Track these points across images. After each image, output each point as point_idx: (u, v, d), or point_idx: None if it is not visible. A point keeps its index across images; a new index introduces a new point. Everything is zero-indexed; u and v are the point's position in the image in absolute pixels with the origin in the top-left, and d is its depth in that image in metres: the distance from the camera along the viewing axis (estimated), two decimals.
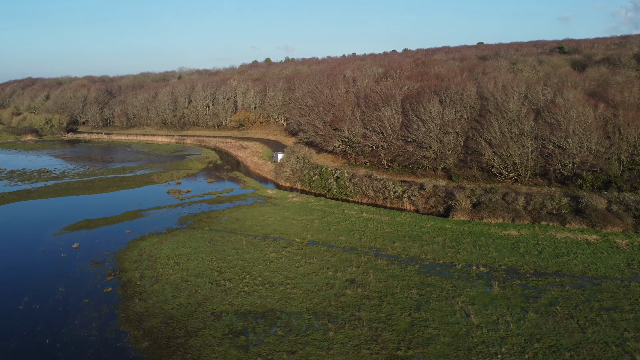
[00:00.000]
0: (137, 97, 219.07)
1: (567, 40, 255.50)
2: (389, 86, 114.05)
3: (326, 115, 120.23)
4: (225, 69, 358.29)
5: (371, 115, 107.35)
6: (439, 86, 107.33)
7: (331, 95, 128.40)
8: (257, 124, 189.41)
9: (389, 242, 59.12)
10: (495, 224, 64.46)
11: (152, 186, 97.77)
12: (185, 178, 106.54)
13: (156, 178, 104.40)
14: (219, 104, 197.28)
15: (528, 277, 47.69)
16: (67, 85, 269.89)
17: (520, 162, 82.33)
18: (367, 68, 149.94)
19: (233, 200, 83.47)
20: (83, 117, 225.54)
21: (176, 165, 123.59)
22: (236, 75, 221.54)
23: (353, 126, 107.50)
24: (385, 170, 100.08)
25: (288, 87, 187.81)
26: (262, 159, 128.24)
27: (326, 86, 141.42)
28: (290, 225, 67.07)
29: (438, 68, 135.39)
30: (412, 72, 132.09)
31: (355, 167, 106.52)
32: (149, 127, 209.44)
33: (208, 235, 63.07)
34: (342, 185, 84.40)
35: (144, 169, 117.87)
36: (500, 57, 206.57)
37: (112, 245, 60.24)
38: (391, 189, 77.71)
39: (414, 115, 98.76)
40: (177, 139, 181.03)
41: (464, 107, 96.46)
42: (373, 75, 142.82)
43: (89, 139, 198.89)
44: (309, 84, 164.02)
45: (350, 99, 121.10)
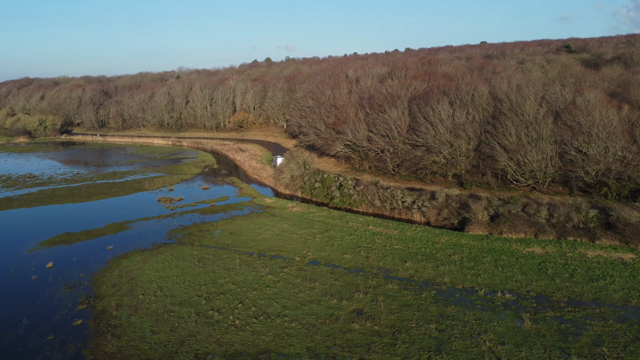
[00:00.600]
0: (134, 97, 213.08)
1: (572, 40, 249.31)
2: (395, 86, 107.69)
3: (328, 117, 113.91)
4: (225, 69, 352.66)
5: (376, 117, 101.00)
6: (448, 86, 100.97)
7: (333, 96, 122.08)
8: (256, 125, 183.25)
9: (399, 261, 52.78)
10: (516, 240, 58.08)
11: (143, 193, 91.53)
12: (178, 184, 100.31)
13: (147, 184, 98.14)
14: (217, 105, 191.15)
15: (562, 308, 41.30)
16: (63, 85, 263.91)
17: (539, 168, 75.94)
18: (370, 67, 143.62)
19: (228, 210, 77.17)
20: (78, 118, 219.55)
21: (170, 169, 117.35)
22: (235, 75, 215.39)
23: (357, 129, 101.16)
24: (391, 176, 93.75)
25: (288, 87, 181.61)
26: (260, 163, 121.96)
27: (328, 86, 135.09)
28: (289, 240, 60.76)
29: (445, 67, 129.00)
30: (419, 71, 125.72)
31: (359, 173, 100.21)
32: (145, 129, 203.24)
33: (198, 253, 56.76)
34: (345, 193, 78.09)
35: (136, 174, 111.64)
36: (506, 56, 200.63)
37: (91, 265, 53.96)
38: (399, 199, 71.39)
39: (422, 117, 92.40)
40: (173, 141, 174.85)
41: (476, 109, 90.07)
42: (377, 75, 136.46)
43: (83, 141, 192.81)
44: (310, 84, 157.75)
45: (353, 100, 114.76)
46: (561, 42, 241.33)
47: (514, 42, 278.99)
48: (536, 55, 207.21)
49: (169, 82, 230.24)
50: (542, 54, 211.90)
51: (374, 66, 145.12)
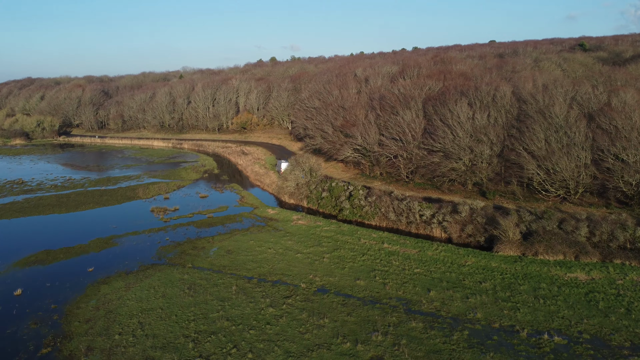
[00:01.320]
0: (134, 97, 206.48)
1: (585, 38, 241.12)
2: (408, 86, 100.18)
3: (336, 119, 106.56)
4: (229, 68, 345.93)
5: (388, 119, 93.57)
6: (466, 86, 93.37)
7: (341, 97, 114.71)
8: (260, 126, 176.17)
9: (421, 289, 45.38)
10: (555, 263, 50.52)
11: (136, 202, 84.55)
12: (175, 191, 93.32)
13: (142, 192, 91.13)
14: (220, 106, 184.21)
15: (626, 357, 33.81)
16: (63, 85, 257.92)
17: (571, 177, 68.31)
18: (380, 66, 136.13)
19: (226, 223, 70.00)
20: (77, 119, 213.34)
21: (168, 174, 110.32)
22: (239, 75, 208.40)
23: (367, 132, 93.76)
24: (404, 184, 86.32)
25: (294, 87, 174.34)
26: (264, 167, 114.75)
27: (335, 86, 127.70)
28: (293, 262, 53.49)
29: (460, 66, 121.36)
30: (432, 70, 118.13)
31: (369, 180, 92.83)
32: (146, 130, 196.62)
33: (189, 277, 49.58)
34: (356, 204, 70.71)
35: (131, 180, 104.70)
36: (519, 55, 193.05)
37: (66, 292, 46.91)
38: (417, 212, 63.92)
39: (439, 120, 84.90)
40: (174, 144, 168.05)
41: (498, 111, 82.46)
42: (387, 74, 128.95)
43: (81, 143, 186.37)
44: (316, 84, 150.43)
45: (363, 101, 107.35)
46: (573, 40, 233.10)
47: (525, 41, 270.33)
48: (550, 53, 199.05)
49: (171, 82, 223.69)
50: (556, 53, 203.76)
51: (384, 65, 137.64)
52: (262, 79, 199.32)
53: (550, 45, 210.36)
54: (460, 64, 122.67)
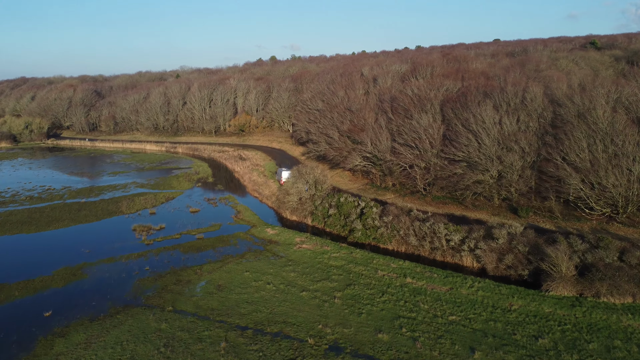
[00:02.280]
0: (127, 98, 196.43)
1: (593, 36, 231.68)
2: (423, 87, 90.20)
3: (342, 123, 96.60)
4: (228, 67, 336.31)
5: (401, 124, 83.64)
6: (489, 87, 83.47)
7: (347, 98, 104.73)
8: (259, 129, 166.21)
9: (462, 348, 35.46)
10: (623, 307, 40.58)
11: (117, 218, 74.65)
12: (163, 204, 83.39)
13: (125, 205, 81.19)
14: (217, 107, 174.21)
15: None
16: (55, 85, 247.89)
17: (619, 193, 58.41)
18: (389, 65, 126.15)
19: (218, 246, 60.07)
20: (67, 121, 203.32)
21: (157, 184, 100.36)
22: (237, 74, 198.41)
23: (378, 138, 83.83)
24: (421, 197, 76.41)
25: (295, 88, 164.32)
26: (262, 175, 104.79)
27: (340, 86, 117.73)
28: (298, 303, 43.55)
29: (477, 64, 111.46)
30: (447, 69, 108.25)
31: (381, 191, 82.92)
32: (139, 133, 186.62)
33: (168, 327, 39.62)
34: (369, 224, 60.70)
35: (116, 190, 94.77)
36: (530, 53, 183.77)
37: (7, 351, 36.97)
38: (443, 236, 53.95)
39: (461, 125, 74.99)
40: (167, 147, 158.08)
41: (529, 115, 72.48)
42: (397, 73, 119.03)
43: (70, 147, 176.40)
44: (319, 84, 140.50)
45: (372, 103, 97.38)
46: (582, 39, 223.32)
47: (531, 39, 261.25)
48: (561, 52, 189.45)
49: (166, 82, 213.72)
50: (567, 51, 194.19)
51: (393, 63, 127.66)
52: (261, 78, 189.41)
53: (560, 44, 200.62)
54: (476, 62, 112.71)
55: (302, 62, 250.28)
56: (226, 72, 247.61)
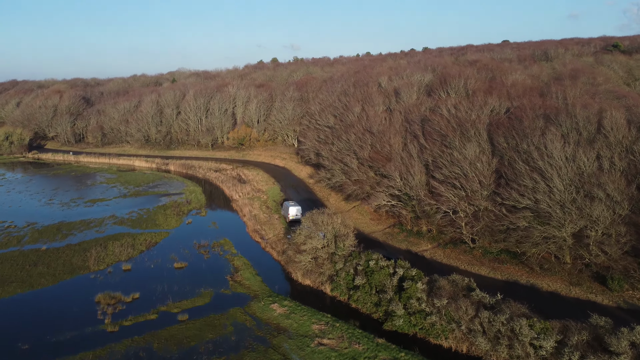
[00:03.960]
0: (117, 106, 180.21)
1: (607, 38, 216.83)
2: (462, 106, 73.85)
3: (361, 149, 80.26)
4: (227, 70, 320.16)
5: (438, 154, 67.31)
6: (549, 108, 67.22)
7: (366, 116, 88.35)
8: (260, 142, 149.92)
9: None
10: None
11: (81, 279, 58.45)
12: (143, 253, 67.17)
13: (95, 256, 64.94)
14: (214, 117, 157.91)
15: None
16: (41, 91, 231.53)
17: None
18: (410, 74, 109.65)
19: (207, 338, 43.77)
20: (52, 131, 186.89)
21: (139, 219, 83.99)
22: (236, 81, 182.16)
23: (409, 171, 67.48)
24: (468, 251, 60.11)
25: (300, 97, 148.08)
26: (265, 207, 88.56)
27: (355, 100, 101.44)
28: None
29: (518, 75, 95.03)
30: (482, 81, 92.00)
31: (414, 238, 66.58)
32: (128, 146, 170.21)
33: None
34: (414, 307, 44.28)
35: (89, 228, 78.53)
36: (550, 57, 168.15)
37: None
38: (527, 340, 37.53)
39: (519, 159, 58.66)
40: (158, 164, 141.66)
41: (611, 149, 56.13)
42: (420, 83, 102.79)
43: (52, 161, 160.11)
44: (328, 94, 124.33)
45: (397, 124, 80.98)
46: (600, 40, 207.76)
47: (542, 41, 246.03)
48: (585, 56, 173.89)
49: (159, 89, 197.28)
50: (590, 54, 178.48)
51: (414, 72, 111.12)
52: (263, 85, 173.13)
53: (578, 46, 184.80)
54: (515, 73, 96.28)
55: (306, 66, 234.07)
56: (225, 77, 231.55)
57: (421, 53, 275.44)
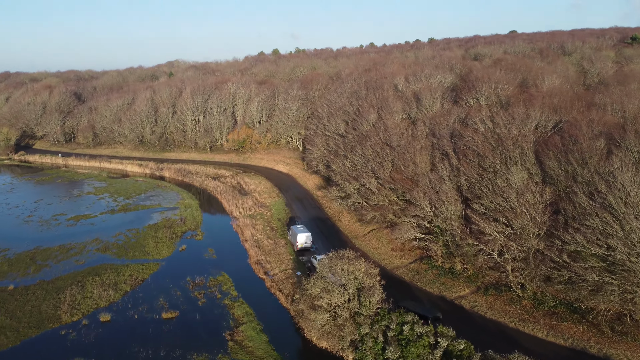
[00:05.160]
0: (109, 104, 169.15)
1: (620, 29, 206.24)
2: (500, 119, 63.12)
3: (381, 166, 69.63)
4: (228, 62, 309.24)
5: (476, 179, 56.83)
6: (606, 124, 56.63)
7: (384, 127, 77.59)
8: (262, 145, 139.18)
9: None
10: None
11: (47, 335, 48.40)
12: (127, 295, 57.02)
13: (69, 301, 54.83)
14: (213, 117, 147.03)
15: None
16: (31, 86, 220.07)
17: None
18: (429, 74, 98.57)
19: None
20: (41, 130, 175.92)
21: (126, 244, 73.65)
22: (236, 76, 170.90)
23: (440, 199, 57.02)
24: (516, 300, 49.87)
25: (305, 96, 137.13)
26: (270, 229, 78.32)
27: (370, 105, 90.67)
28: None
29: (555, 79, 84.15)
30: (514, 86, 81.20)
31: (446, 278, 56.29)
32: (121, 147, 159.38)
33: None
34: None
35: (67, 259, 68.30)
36: (567, 50, 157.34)
37: None
38: None
39: (582, 192, 48.19)
40: (152, 169, 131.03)
41: None
42: (440, 85, 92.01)
43: (40, 164, 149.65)
44: (337, 95, 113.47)
45: (421, 138, 70.25)
46: (614, 31, 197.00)
47: (552, 32, 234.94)
48: (606, 49, 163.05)
49: (155, 85, 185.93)
50: (609, 48, 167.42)
51: (434, 73, 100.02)
52: (264, 82, 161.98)
53: (594, 38, 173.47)
54: (552, 76, 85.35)
55: (308, 58, 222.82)
56: (225, 71, 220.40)
57: (427, 45, 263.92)
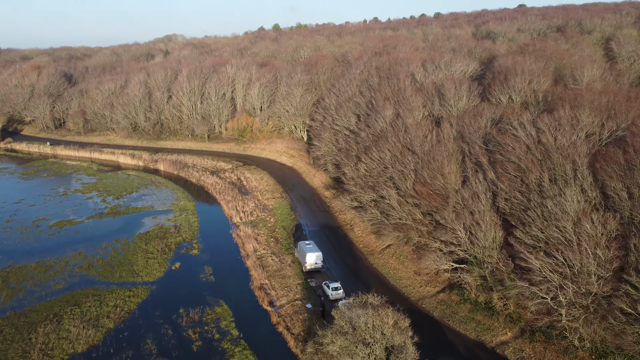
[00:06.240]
0: (101, 87, 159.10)
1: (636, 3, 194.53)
2: (544, 124, 53.89)
3: (402, 176, 60.68)
4: (227, 39, 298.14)
5: (519, 199, 48.11)
6: None
7: (403, 127, 68.35)
8: (264, 134, 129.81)
9: None
10: None
11: None
12: (108, 335, 48.83)
13: (40, 343, 46.73)
14: (210, 103, 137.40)
15: None
16: (19, 66, 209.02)
17: None
18: (449, 62, 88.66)
19: None
20: (29, 115, 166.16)
21: (112, 263, 65.18)
22: (235, 58, 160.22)
23: (476, 222, 48.37)
24: (571, 351, 41.65)
25: (310, 80, 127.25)
26: (273, 241, 69.99)
27: (383, 97, 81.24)
28: None
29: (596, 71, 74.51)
30: (549, 78, 71.67)
31: (482, 316, 48.10)
32: (113, 134, 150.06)
33: None
34: None
35: (45, 279, 60.08)
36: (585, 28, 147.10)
37: None
38: None
39: None
40: (146, 161, 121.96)
41: None
42: (463, 74, 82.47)
43: (27, 152, 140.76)
44: (346, 83, 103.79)
45: (448, 142, 61.14)
46: (630, 6, 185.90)
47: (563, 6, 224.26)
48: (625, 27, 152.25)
49: (149, 66, 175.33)
50: (630, 26, 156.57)
51: (455, 60, 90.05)
52: (265, 64, 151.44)
53: (611, 14, 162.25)
54: (592, 67, 75.60)
55: (311, 35, 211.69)
56: (223, 49, 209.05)
57: (434, 20, 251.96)
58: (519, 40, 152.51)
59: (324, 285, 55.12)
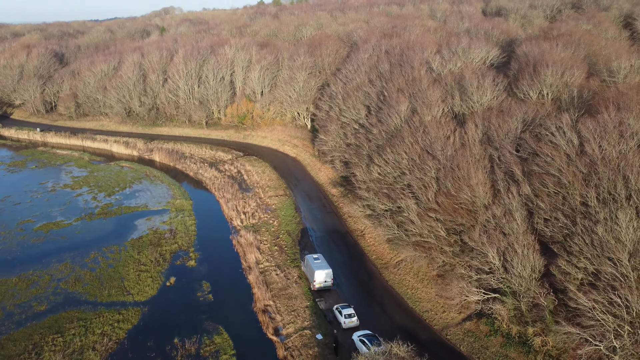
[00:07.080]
0: (93, 68, 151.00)
1: None
2: (587, 130, 47.20)
3: (422, 184, 54.21)
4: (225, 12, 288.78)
5: (562, 221, 41.85)
6: None
7: (422, 125, 61.52)
8: (265, 120, 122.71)
9: None
10: None
11: None
12: None
13: None
14: (208, 87, 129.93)
15: None
16: (8, 44, 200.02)
17: None
18: (468, 49, 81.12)
19: None
20: (18, 98, 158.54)
21: (100, 277, 59.33)
22: (235, 38, 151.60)
23: (513, 248, 42.22)
24: None
25: (314, 63, 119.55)
26: (277, 250, 64.06)
27: (397, 89, 74.20)
28: None
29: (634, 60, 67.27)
30: (583, 71, 64.62)
31: (518, 355, 42.21)
32: (107, 119, 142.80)
33: None
34: None
35: (26, 298, 54.24)
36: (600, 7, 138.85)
37: None
38: None
39: None
40: (141, 151, 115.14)
41: None
42: (483, 61, 75.30)
43: (16, 139, 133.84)
44: (353, 69, 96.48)
45: (474, 146, 54.51)
46: None
47: None
48: None
49: (143, 46, 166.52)
50: None
51: (472, 45, 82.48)
52: (266, 44, 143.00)
53: None
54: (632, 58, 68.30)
55: (313, 11, 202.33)
56: (221, 26, 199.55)
57: None
58: (531, 18, 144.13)
59: (336, 311, 49.34)
